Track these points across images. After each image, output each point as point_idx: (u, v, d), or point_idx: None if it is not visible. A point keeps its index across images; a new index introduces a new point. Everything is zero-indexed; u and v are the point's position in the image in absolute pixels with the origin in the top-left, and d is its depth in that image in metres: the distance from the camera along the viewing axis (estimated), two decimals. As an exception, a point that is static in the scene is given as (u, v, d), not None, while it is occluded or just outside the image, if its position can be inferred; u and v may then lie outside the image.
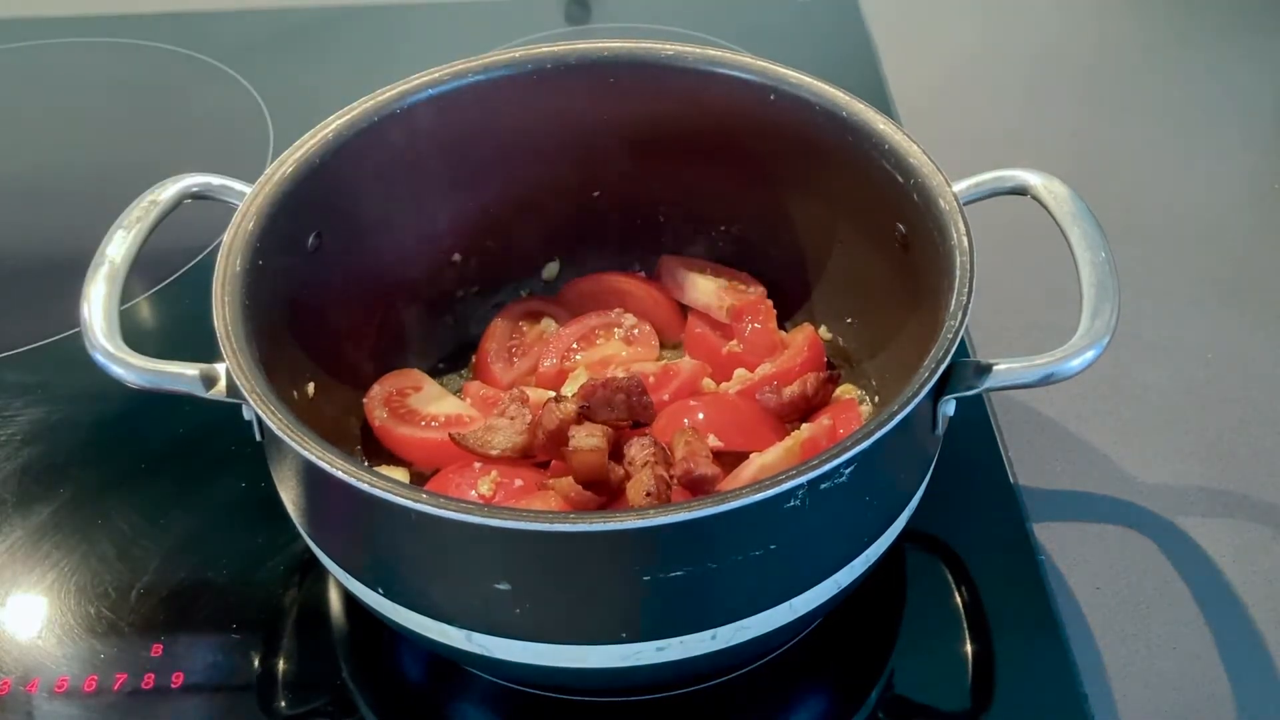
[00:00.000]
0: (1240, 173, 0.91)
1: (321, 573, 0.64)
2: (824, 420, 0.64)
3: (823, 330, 0.72)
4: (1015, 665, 0.59)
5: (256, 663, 0.60)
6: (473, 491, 0.60)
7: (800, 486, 0.46)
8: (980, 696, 0.58)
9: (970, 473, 0.68)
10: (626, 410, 0.61)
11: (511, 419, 0.62)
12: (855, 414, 0.65)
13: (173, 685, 0.59)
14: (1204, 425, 0.72)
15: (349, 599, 0.62)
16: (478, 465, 0.61)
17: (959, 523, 0.66)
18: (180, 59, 1.07)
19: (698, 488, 0.58)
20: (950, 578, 0.64)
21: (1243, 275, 0.82)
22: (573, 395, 0.62)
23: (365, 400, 0.68)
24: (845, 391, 0.68)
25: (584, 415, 0.60)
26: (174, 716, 0.58)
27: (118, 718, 0.58)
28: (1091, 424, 0.72)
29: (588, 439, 0.58)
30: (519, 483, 0.60)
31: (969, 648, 0.61)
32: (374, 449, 0.68)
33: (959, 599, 0.63)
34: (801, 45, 1.07)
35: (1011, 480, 0.69)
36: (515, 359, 0.73)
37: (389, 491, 0.45)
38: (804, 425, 0.65)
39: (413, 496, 0.45)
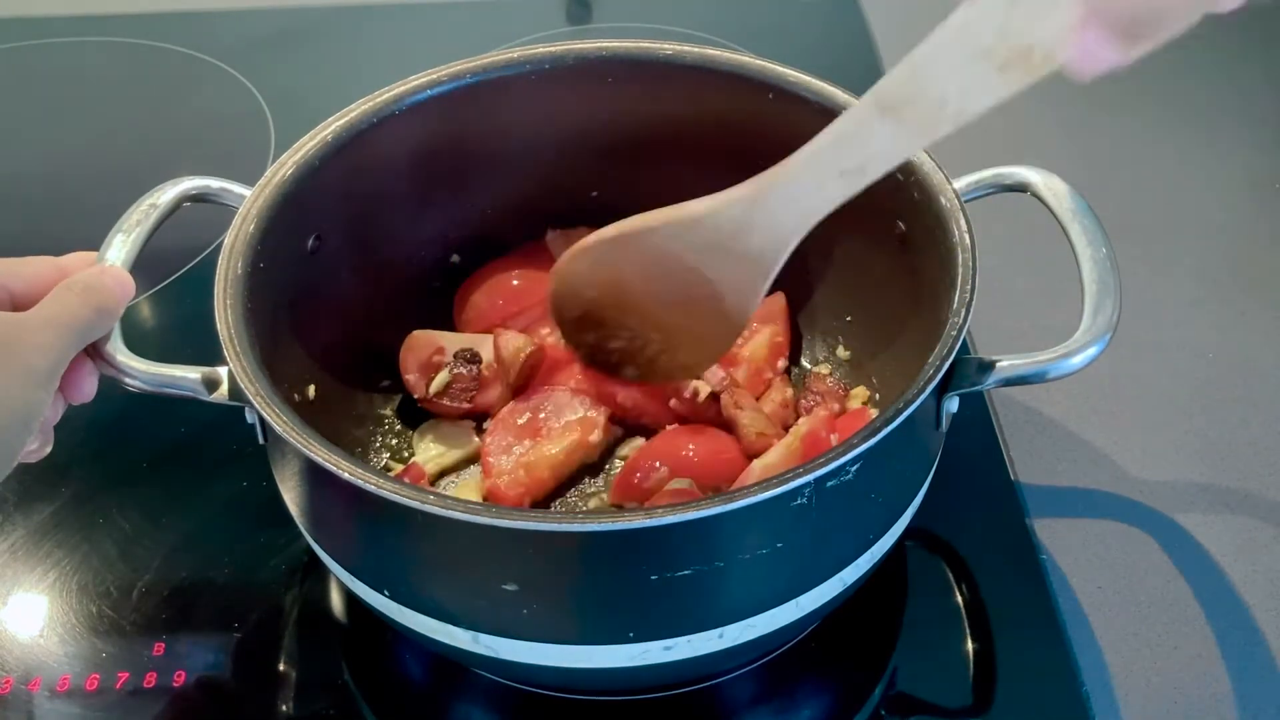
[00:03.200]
0: (1240, 173, 0.91)
1: (323, 572, 0.64)
2: (820, 411, 0.64)
3: (821, 367, 0.72)
4: (1017, 663, 0.60)
5: (258, 663, 0.60)
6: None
7: (807, 485, 0.46)
8: (982, 694, 0.59)
9: (971, 471, 0.68)
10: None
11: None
12: (864, 419, 0.65)
13: (174, 684, 0.59)
14: (1204, 425, 0.72)
15: (351, 599, 0.62)
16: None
17: (960, 521, 0.66)
18: (181, 58, 1.07)
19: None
20: (951, 576, 0.64)
21: (1243, 275, 0.82)
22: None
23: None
24: (857, 396, 0.68)
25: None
26: (176, 716, 0.58)
27: (120, 716, 0.58)
28: (1092, 422, 0.72)
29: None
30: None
31: (970, 646, 0.61)
32: (378, 451, 0.68)
33: (960, 597, 0.63)
34: (801, 45, 1.06)
35: (1012, 478, 0.69)
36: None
37: (396, 493, 0.45)
38: (801, 420, 0.65)
39: (419, 498, 0.45)
